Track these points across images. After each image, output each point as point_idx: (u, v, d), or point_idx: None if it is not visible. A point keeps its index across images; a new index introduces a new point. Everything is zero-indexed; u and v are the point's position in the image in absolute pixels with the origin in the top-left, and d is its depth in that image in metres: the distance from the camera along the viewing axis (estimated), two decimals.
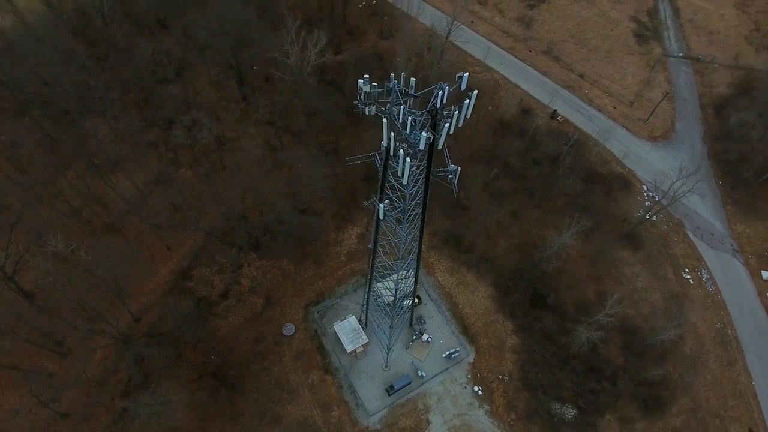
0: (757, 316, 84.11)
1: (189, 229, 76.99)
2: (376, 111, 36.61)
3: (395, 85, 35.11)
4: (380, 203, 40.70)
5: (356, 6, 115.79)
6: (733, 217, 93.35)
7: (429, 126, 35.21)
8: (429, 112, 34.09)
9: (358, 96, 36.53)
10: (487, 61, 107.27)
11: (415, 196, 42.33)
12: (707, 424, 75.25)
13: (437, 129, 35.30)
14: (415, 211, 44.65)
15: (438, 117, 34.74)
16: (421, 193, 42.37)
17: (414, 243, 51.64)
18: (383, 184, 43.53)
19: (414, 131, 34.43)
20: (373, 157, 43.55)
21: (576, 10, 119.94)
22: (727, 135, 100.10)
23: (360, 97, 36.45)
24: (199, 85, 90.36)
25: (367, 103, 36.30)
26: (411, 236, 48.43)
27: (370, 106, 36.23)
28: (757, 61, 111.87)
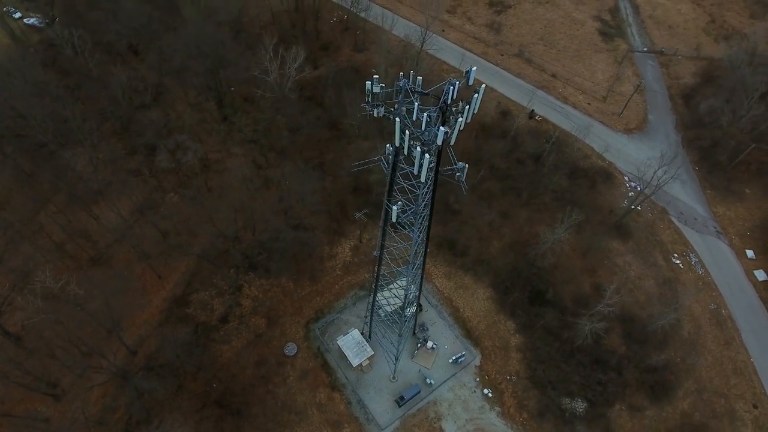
0: (747, 294, 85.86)
1: (180, 255, 74.48)
2: (385, 112, 36.01)
3: (405, 84, 34.68)
4: (393, 206, 39.87)
5: (327, 22, 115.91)
6: (713, 201, 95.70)
7: (440, 122, 34.76)
8: (440, 108, 33.70)
9: (366, 98, 35.86)
10: (462, 67, 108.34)
11: (425, 196, 41.77)
12: (713, 404, 75.89)
13: (447, 125, 34.91)
14: (425, 212, 44.04)
15: (448, 113, 34.39)
16: (430, 193, 41.84)
17: (421, 246, 50.89)
18: (391, 188, 42.76)
19: (429, 127, 33.93)
20: (379, 161, 42.80)
21: (541, 13, 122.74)
22: (698, 122, 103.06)
23: (368, 99, 35.80)
24: (178, 108, 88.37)
25: (375, 104, 35.67)
26: (420, 239, 47.71)
27: (378, 107, 35.60)
28: (716, 50, 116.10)
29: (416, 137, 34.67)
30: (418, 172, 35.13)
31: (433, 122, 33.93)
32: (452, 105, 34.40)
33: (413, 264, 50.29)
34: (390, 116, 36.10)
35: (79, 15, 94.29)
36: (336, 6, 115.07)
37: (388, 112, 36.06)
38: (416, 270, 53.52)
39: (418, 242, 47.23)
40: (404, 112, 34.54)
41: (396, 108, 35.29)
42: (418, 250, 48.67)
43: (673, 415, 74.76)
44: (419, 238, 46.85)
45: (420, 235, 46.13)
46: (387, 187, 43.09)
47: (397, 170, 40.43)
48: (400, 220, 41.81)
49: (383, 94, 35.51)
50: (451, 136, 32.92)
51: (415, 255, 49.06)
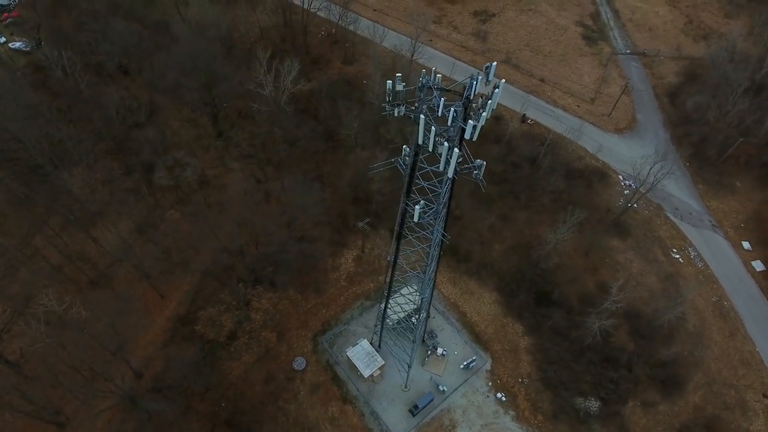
0: (747, 285, 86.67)
1: (182, 273, 72.75)
2: (406, 111, 35.72)
3: (428, 80, 34.49)
4: (416, 205, 39.29)
5: (316, 36, 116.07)
6: (705, 195, 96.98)
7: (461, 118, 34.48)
8: (463, 104, 33.49)
9: (387, 98, 35.50)
10: (453, 75, 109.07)
11: (446, 195, 41.37)
12: (724, 395, 75.94)
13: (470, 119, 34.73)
14: (443, 211, 43.54)
15: (469, 109, 34.20)
16: (448, 192, 41.45)
17: (437, 249, 50.31)
18: (410, 189, 42.22)
19: (456, 122, 33.64)
20: (396, 163, 42.36)
21: (525, 21, 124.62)
22: (686, 119, 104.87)
23: (388, 98, 35.48)
24: (173, 126, 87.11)
25: (397, 104, 35.35)
26: (437, 239, 47.16)
27: (399, 106, 35.28)
28: (696, 50, 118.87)
29: (439, 134, 34.31)
30: (444, 169, 34.69)
31: (459, 117, 33.62)
32: (472, 101, 34.20)
33: (429, 266, 49.60)
34: (411, 115, 35.76)
35: (66, 37, 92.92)
36: (323, 20, 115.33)
37: (409, 111, 35.72)
38: (431, 273, 52.84)
39: (436, 242, 46.68)
40: (426, 110, 34.25)
41: (418, 105, 34.98)
42: (434, 252, 48.05)
43: (686, 409, 74.56)
44: (437, 238, 46.32)
45: (437, 235, 45.59)
46: (405, 188, 42.53)
47: (416, 170, 39.98)
48: (422, 219, 41.24)
49: (403, 93, 35.14)
50: (475, 131, 32.64)
51: (431, 257, 48.43)
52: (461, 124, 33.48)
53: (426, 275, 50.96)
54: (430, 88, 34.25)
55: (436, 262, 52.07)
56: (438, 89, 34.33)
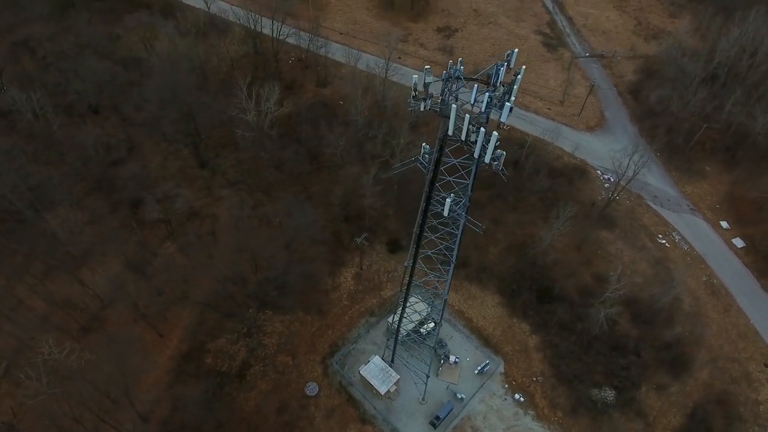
0: (731, 261, 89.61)
1: (179, 309, 69.33)
2: (432, 105, 35.55)
3: (456, 70, 34.53)
4: (447, 198, 38.74)
5: (287, 63, 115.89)
6: (680, 181, 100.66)
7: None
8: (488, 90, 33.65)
9: (413, 93, 35.30)
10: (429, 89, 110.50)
11: (471, 184, 41.10)
12: (729, 369, 77.38)
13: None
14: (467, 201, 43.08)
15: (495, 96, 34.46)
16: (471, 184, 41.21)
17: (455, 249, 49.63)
18: (433, 186, 41.72)
19: (490, 107, 33.61)
20: (416, 162, 41.94)
21: (487, 33, 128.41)
22: (650, 112, 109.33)
23: (414, 94, 35.27)
24: (156, 159, 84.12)
25: (424, 97, 35.18)
26: (460, 237, 46.53)
27: (425, 100, 35.10)
28: (649, 49, 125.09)
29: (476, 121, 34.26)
30: (479, 152, 34.53)
31: (494, 102, 33.65)
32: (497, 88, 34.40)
33: (452, 261, 48.80)
34: (437, 109, 35.58)
35: (30, 80, 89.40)
36: (293, 47, 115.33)
37: (435, 104, 35.55)
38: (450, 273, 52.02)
39: (459, 239, 46.12)
40: (453, 100, 34.17)
41: (445, 97, 34.88)
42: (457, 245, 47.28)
43: (696, 387, 75.49)
44: (461, 235, 45.80)
45: (462, 227, 45.06)
46: (428, 186, 42.04)
47: (441, 165, 39.62)
48: (452, 213, 40.69)
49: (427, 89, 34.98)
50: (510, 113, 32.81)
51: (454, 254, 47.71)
52: (495, 108, 33.50)
53: (449, 274, 50.10)
54: (459, 78, 34.21)
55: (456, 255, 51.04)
56: (466, 78, 34.29)
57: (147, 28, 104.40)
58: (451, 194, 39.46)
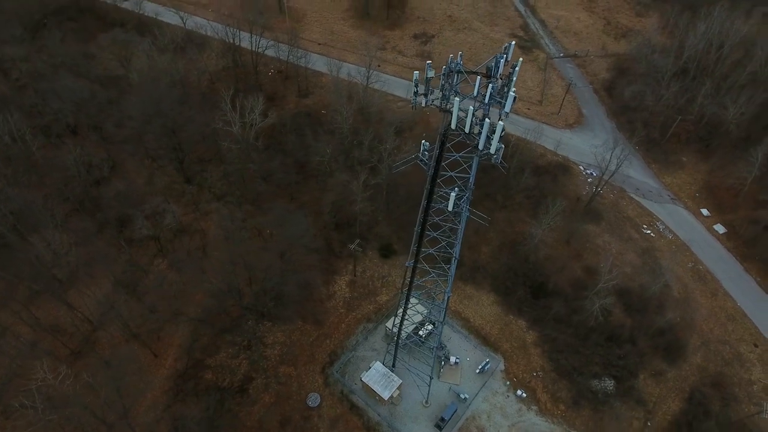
0: (714, 247, 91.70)
1: (174, 326, 67.51)
2: (432, 100, 35.63)
3: (456, 64, 34.77)
4: (451, 192, 38.67)
5: (266, 75, 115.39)
6: (659, 173, 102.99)
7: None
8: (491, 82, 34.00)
9: (414, 88, 35.37)
10: (409, 96, 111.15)
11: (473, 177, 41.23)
12: (721, 352, 78.83)
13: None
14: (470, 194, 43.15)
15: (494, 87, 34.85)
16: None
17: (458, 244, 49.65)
18: (434, 182, 41.68)
19: (493, 98, 33.83)
20: (416, 159, 41.88)
21: (463, 38, 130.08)
22: (626, 107, 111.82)
23: (416, 90, 35.36)
24: (141, 176, 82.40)
25: (423, 93, 35.26)
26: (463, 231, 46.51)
27: (427, 95, 35.24)
28: (619, 47, 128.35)
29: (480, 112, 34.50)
30: (484, 143, 34.72)
31: (496, 92, 33.90)
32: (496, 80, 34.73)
33: (455, 261, 48.68)
34: (437, 104, 35.68)
35: (6, 102, 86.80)
36: (272, 59, 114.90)
37: (435, 100, 35.67)
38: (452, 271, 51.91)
39: (461, 234, 46.09)
40: (449, 93, 34.44)
41: (446, 91, 35.05)
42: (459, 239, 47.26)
43: (691, 371, 76.64)
44: (463, 230, 45.78)
45: (464, 221, 45.09)
46: (429, 183, 41.97)
47: (443, 160, 39.63)
48: (457, 208, 40.62)
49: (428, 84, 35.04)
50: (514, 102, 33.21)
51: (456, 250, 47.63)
52: (498, 99, 33.77)
53: (451, 270, 49.95)
54: (459, 72, 34.44)
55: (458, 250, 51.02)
56: (466, 72, 34.53)
57: (122, 45, 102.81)
58: (455, 188, 39.45)
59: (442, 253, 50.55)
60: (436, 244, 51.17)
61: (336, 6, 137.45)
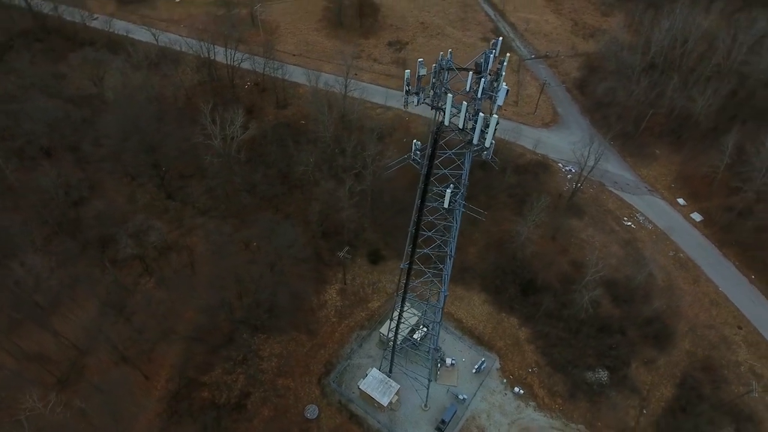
0: (692, 235, 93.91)
1: (165, 346, 65.72)
2: (423, 100, 35.81)
3: (447, 62, 35.02)
4: (447, 189, 38.73)
5: (243, 88, 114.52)
6: (635, 166, 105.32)
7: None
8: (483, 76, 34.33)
9: (406, 87, 35.44)
10: (388, 102, 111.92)
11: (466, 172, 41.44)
12: (708, 336, 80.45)
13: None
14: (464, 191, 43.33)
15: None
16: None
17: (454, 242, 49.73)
18: (428, 179, 41.68)
19: (486, 93, 34.09)
20: (409, 159, 41.92)
21: (436, 44, 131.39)
22: (599, 104, 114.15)
23: (407, 88, 35.43)
24: (121, 194, 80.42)
25: (414, 91, 35.38)
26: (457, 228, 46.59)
27: (418, 94, 35.37)
28: (588, 46, 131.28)
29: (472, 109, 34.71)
30: (479, 138, 34.95)
31: (488, 87, 34.18)
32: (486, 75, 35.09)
33: (451, 259, 48.69)
34: (428, 103, 35.86)
35: None
36: (248, 72, 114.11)
37: (426, 99, 35.87)
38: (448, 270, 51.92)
39: (457, 231, 46.17)
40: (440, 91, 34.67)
41: (437, 89, 35.22)
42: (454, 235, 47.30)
43: (681, 357, 78.03)
44: (458, 226, 45.88)
45: (459, 217, 45.22)
46: (422, 182, 41.99)
47: (436, 158, 39.73)
48: (452, 205, 40.70)
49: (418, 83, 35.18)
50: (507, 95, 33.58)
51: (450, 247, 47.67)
52: (490, 93, 34.07)
53: (447, 268, 49.95)
54: (450, 69, 34.71)
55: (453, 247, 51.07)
56: (458, 69, 34.82)
57: (94, 64, 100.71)
58: (450, 185, 39.55)
59: (436, 252, 50.50)
60: (429, 244, 51.17)
61: (309, 17, 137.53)
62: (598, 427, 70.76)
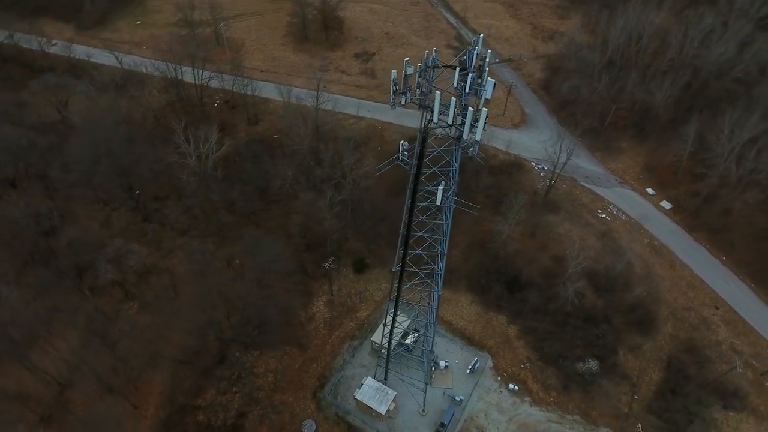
0: (664, 222, 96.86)
1: (152, 372, 63.42)
2: (411, 99, 36.04)
3: (433, 60, 35.39)
4: (439, 186, 38.90)
5: (213, 106, 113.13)
6: (604, 160, 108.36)
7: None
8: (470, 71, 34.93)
9: (392, 88, 35.64)
10: (360, 113, 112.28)
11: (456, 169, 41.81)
12: (688, 318, 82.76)
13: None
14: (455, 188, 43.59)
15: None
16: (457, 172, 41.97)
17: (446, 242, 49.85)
18: (418, 178, 41.82)
19: (473, 87, 34.57)
20: (396, 160, 42.03)
21: (402, 53, 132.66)
22: (564, 103, 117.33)
23: (394, 88, 35.61)
24: (96, 220, 77.71)
25: (402, 91, 35.60)
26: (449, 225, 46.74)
27: (405, 93, 35.57)
28: (548, 49, 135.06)
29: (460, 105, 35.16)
30: (469, 131, 35.38)
31: (475, 82, 34.66)
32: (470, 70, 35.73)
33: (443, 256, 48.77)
34: (416, 102, 36.13)
35: None
36: (216, 90, 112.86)
37: (414, 99, 36.17)
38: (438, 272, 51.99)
39: (449, 228, 46.35)
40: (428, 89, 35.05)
41: (423, 87, 35.55)
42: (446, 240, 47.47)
43: (665, 341, 79.97)
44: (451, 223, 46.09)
45: (450, 214, 45.45)
46: (412, 182, 42.10)
47: (424, 157, 39.92)
48: (445, 203, 40.84)
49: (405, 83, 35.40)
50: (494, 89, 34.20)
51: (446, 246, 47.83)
52: (477, 87, 34.59)
53: (440, 267, 50.01)
54: (436, 67, 35.12)
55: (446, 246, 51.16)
56: (444, 67, 35.26)
57: (56, 90, 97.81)
58: (442, 181, 39.78)
59: (427, 252, 50.61)
60: (419, 245, 51.26)
61: (273, 33, 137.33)
62: (594, 416, 71.63)
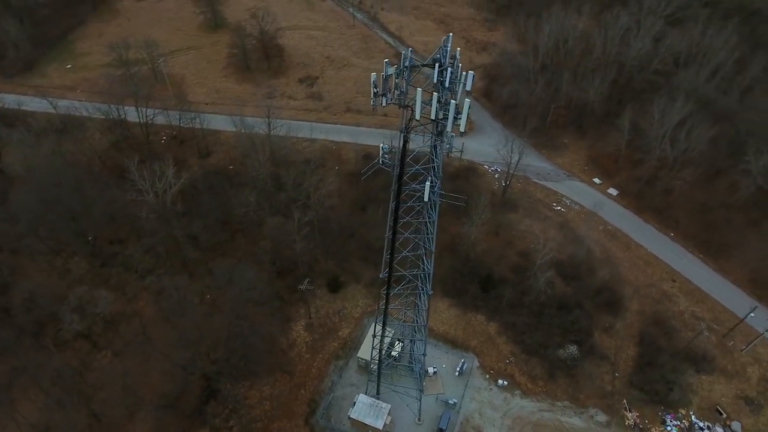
0: (614, 208, 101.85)
1: (131, 424, 59.05)
2: (391, 100, 36.55)
3: (410, 60, 36.11)
4: (426, 183, 39.22)
5: (160, 143, 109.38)
6: (551, 156, 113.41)
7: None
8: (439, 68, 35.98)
9: (374, 89, 35.98)
10: (313, 135, 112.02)
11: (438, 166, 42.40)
12: (650, 294, 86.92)
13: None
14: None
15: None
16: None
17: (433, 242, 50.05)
18: (401, 179, 42.06)
19: (454, 82, 35.41)
20: (377, 163, 42.24)
21: (346, 75, 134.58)
22: (506, 107, 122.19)
23: (375, 90, 35.99)
24: (51, 272, 72.28)
25: (385, 92, 36.00)
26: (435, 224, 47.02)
27: (385, 95, 36.03)
28: (483, 59, 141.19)
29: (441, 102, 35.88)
30: (453, 123, 36.22)
31: (455, 77, 35.55)
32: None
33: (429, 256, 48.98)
34: (397, 102, 36.67)
35: None
36: (162, 126, 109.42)
37: (395, 99, 36.71)
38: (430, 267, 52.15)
39: (434, 226, 46.69)
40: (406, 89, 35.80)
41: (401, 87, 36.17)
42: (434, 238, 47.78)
43: (633, 318, 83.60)
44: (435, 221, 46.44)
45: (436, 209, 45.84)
46: (395, 184, 42.34)
47: (407, 157, 40.33)
48: (432, 199, 41.21)
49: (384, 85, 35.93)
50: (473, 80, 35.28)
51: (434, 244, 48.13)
52: (458, 81, 35.51)
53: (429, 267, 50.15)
54: (415, 66, 35.91)
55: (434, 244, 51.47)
56: (420, 65, 36.08)
57: None
58: (429, 178, 40.27)
59: (413, 254, 50.80)
60: (406, 246, 51.43)
61: (213, 66, 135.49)
62: (581, 399, 73.37)
